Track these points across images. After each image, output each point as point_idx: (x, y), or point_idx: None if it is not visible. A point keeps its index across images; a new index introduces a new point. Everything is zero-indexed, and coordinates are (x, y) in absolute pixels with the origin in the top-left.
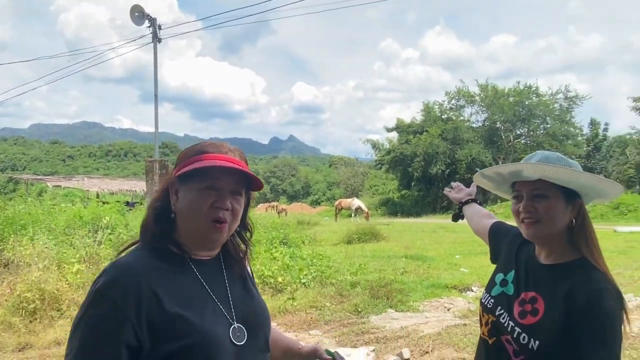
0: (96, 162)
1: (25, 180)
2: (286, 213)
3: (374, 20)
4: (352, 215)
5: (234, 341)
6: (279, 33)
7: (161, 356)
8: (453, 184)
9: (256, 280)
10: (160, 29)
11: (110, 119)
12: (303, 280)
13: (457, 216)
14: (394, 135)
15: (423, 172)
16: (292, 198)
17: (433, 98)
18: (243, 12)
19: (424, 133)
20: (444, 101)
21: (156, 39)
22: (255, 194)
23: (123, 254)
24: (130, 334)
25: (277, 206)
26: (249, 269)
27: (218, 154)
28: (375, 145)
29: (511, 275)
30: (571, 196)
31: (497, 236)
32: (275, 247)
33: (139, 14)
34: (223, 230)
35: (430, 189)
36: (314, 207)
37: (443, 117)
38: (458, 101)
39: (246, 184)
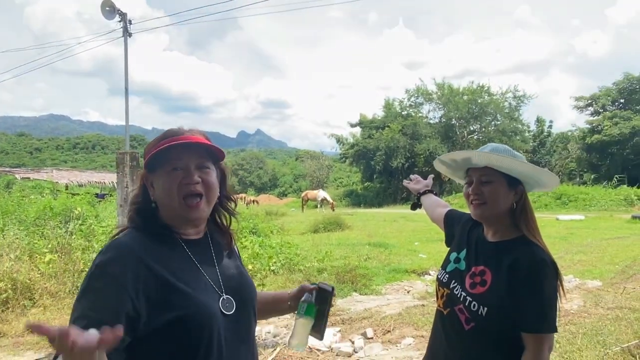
0: (64, 155)
1: None
2: (257, 203)
3: (336, 18)
4: (318, 206)
5: (223, 311)
6: (246, 29)
7: (158, 325)
8: (412, 176)
9: None
10: (130, 23)
11: (77, 112)
12: (272, 268)
13: (416, 205)
14: (357, 130)
15: (384, 165)
16: (260, 190)
17: (394, 95)
18: (210, 10)
19: (386, 128)
20: (404, 98)
21: (127, 33)
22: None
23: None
24: (129, 305)
25: (245, 197)
26: (235, 247)
27: (177, 136)
28: (339, 140)
29: (463, 253)
30: (513, 183)
31: (451, 222)
32: (245, 237)
33: (109, 9)
34: (199, 207)
35: (391, 181)
36: (281, 199)
37: (403, 113)
38: (417, 98)
39: (212, 157)
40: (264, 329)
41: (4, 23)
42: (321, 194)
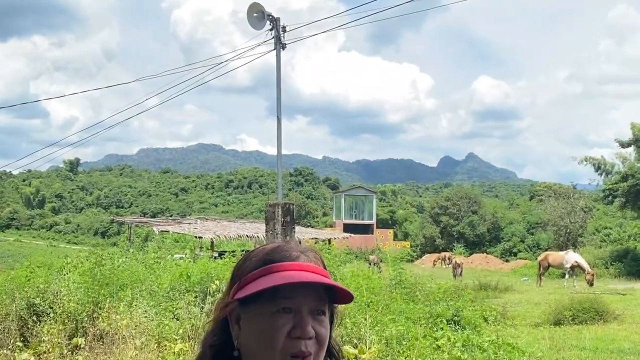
0: (214, 196)
1: (129, 224)
2: (461, 271)
3: None
4: (566, 276)
5: None
6: (452, 10)
7: None
8: None
9: None
10: (284, 31)
11: (231, 139)
12: None
13: None
14: (631, 151)
15: None
16: (473, 246)
17: None
18: None
19: None
20: None
21: (279, 44)
22: (419, 240)
23: None
24: None
25: (449, 258)
26: None
27: (289, 262)
28: (600, 167)
29: None
30: None
31: None
32: (442, 329)
33: (258, 15)
34: None
35: None
36: (506, 261)
37: None
38: None
39: (329, 296)
40: None
41: (150, 34)
42: (571, 256)
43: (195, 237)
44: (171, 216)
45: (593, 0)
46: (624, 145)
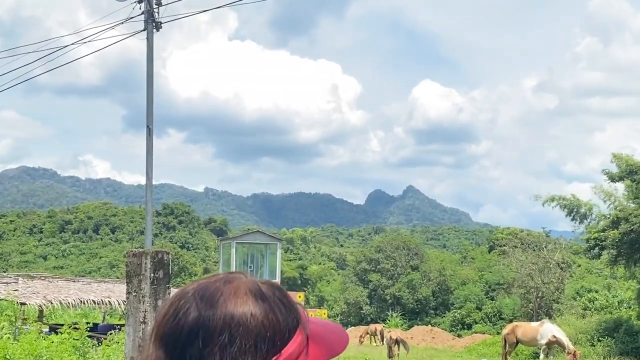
0: (43, 244)
1: None
2: (407, 348)
3: None
4: (541, 356)
5: None
6: None
7: None
8: None
9: None
10: (159, 5)
11: (71, 162)
12: None
13: None
14: (620, 186)
15: None
16: (414, 315)
17: None
18: None
19: None
20: None
21: (151, 22)
22: (341, 307)
23: None
24: None
25: (381, 332)
26: None
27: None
28: (583, 207)
29: None
30: None
31: None
32: None
33: None
34: None
35: None
36: (458, 336)
37: None
38: None
39: None
40: None
41: None
42: (547, 329)
43: (17, 303)
44: None
45: None
46: (614, 178)
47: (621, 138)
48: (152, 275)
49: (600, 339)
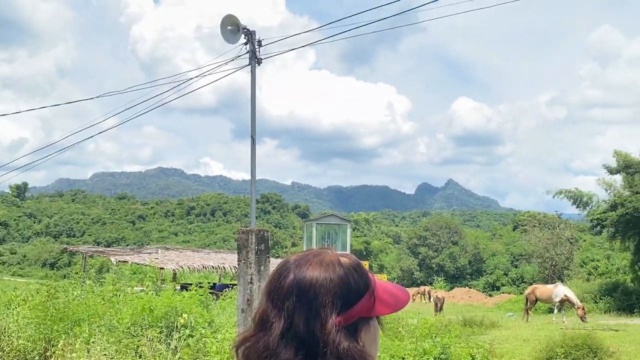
0: (174, 224)
1: (83, 254)
2: (441, 306)
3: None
4: (555, 311)
5: None
6: (430, 30)
7: None
8: None
9: None
10: (260, 45)
11: (194, 163)
12: None
13: None
14: (618, 178)
15: None
16: (454, 279)
17: None
18: (374, 14)
19: None
20: None
21: (254, 59)
22: (397, 273)
23: None
24: None
25: (429, 292)
26: None
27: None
28: (585, 197)
29: None
30: None
31: None
32: None
33: (232, 28)
34: None
35: None
36: (489, 296)
37: None
38: None
39: None
40: None
41: (107, 50)
42: (560, 290)
43: (157, 268)
44: (127, 245)
45: (574, 22)
46: (612, 172)
47: (617, 140)
48: (256, 247)
49: (602, 297)
